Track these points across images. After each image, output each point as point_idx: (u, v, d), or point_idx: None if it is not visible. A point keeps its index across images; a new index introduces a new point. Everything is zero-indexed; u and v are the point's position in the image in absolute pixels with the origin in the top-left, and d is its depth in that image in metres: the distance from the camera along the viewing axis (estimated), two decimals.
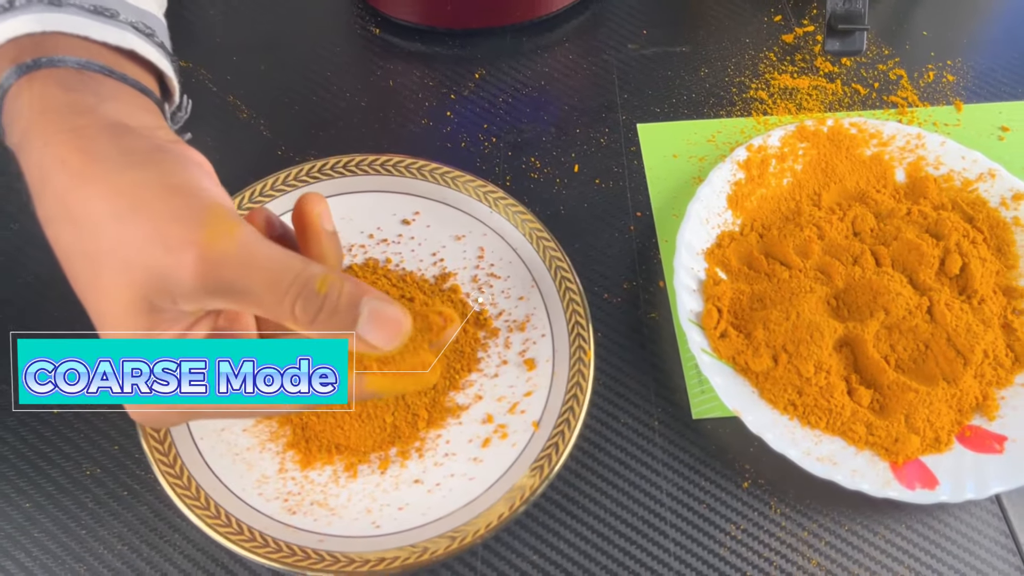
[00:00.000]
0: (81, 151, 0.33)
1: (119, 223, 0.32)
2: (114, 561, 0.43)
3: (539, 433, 0.45)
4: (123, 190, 0.32)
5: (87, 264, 0.33)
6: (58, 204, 0.33)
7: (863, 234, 0.52)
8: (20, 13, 0.36)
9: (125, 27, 0.38)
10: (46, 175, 0.33)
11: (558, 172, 0.56)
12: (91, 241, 0.33)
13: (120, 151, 0.34)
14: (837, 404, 0.46)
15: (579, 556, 0.44)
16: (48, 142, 0.34)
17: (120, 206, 0.32)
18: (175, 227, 0.32)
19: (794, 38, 0.62)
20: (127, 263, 0.32)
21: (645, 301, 0.52)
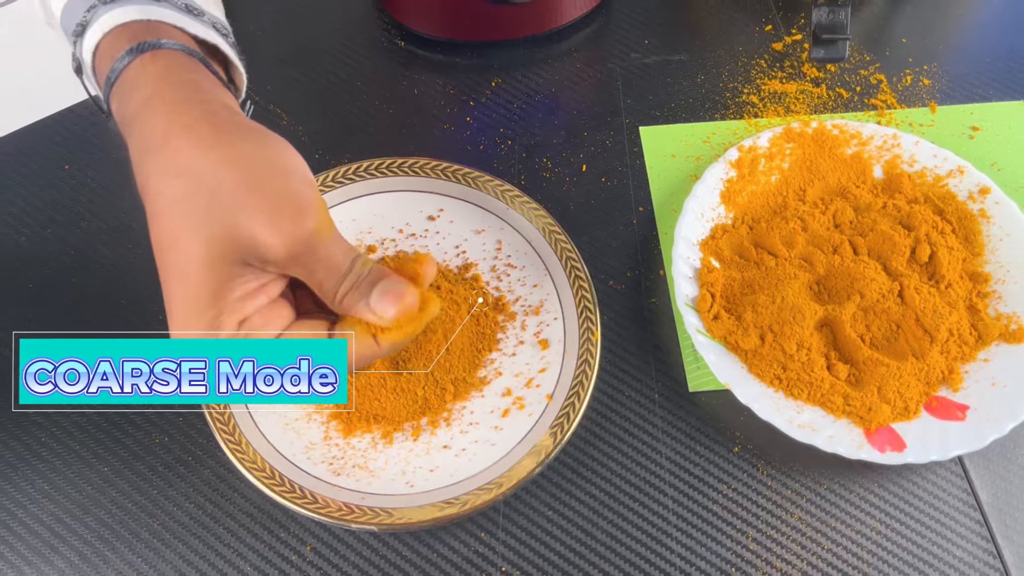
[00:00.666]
0: (207, 122, 0.37)
1: (240, 189, 0.36)
2: (183, 517, 0.49)
3: (552, 404, 0.51)
4: (246, 162, 0.37)
5: (189, 215, 0.36)
6: (178, 161, 0.37)
7: (843, 226, 0.57)
8: (126, 4, 0.41)
9: (209, 26, 0.43)
10: (169, 136, 0.37)
11: (568, 171, 0.61)
12: (204, 197, 0.36)
13: (240, 128, 0.38)
14: (817, 378, 0.51)
15: (589, 512, 0.49)
16: (175, 109, 0.37)
17: (243, 176, 0.36)
18: (289, 208, 0.37)
19: (783, 46, 0.66)
20: (237, 223, 0.36)
21: (646, 288, 0.57)
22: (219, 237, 0.36)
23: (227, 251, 0.36)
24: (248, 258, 0.37)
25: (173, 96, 0.38)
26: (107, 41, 0.40)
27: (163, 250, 0.37)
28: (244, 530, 0.49)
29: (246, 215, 0.36)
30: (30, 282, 0.56)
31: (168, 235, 0.37)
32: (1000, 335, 0.53)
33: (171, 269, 0.37)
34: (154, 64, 0.39)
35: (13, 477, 0.50)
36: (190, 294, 0.37)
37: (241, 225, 0.36)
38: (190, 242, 0.37)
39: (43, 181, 0.59)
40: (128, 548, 0.48)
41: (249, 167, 0.37)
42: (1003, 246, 0.55)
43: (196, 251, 0.36)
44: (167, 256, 0.37)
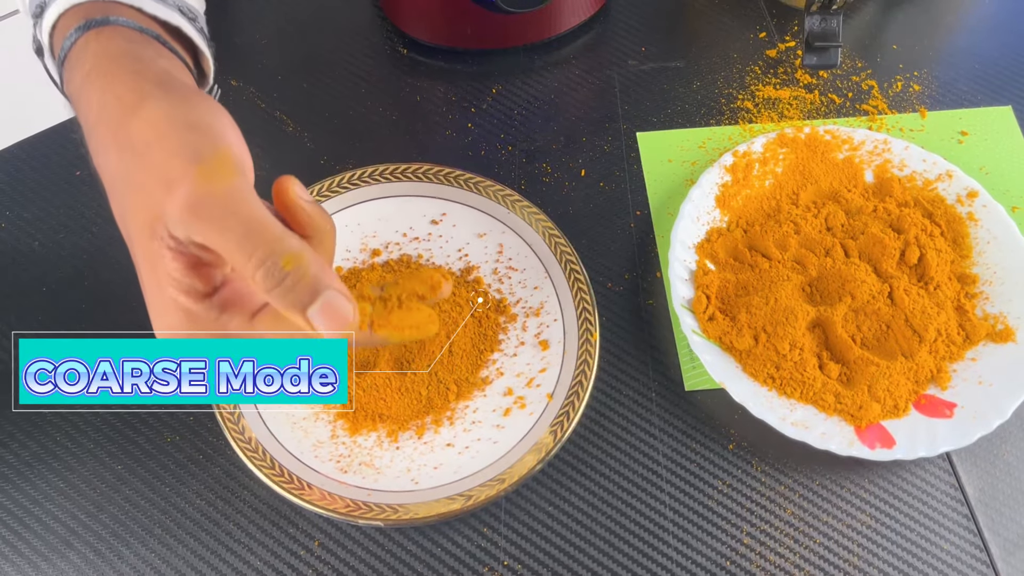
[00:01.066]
0: (135, 91, 0.36)
1: (147, 151, 0.34)
2: (194, 513, 0.50)
3: (552, 403, 0.52)
4: (155, 123, 0.35)
5: (123, 186, 0.36)
6: (109, 134, 0.36)
7: (835, 229, 0.58)
8: None
9: (173, 8, 0.43)
10: (103, 110, 0.36)
11: (567, 176, 0.62)
12: (128, 164, 0.35)
13: (164, 91, 0.36)
14: (809, 377, 0.52)
15: (588, 507, 0.51)
16: (110, 81, 0.37)
17: (149, 136, 0.34)
18: (177, 160, 0.33)
19: (777, 53, 0.67)
20: (143, 188, 0.34)
21: (643, 289, 0.58)
22: (136, 208, 0.35)
23: (144, 222, 0.34)
24: (155, 226, 0.34)
25: (107, 69, 0.37)
26: (63, 21, 0.41)
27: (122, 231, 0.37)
28: (253, 526, 0.50)
29: (148, 176, 0.34)
30: (44, 286, 0.57)
31: (116, 213, 0.37)
32: (987, 335, 0.54)
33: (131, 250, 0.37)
34: (97, 40, 0.39)
35: (30, 475, 0.51)
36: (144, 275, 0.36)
37: (145, 188, 0.34)
38: (126, 220, 0.36)
39: (56, 187, 0.61)
40: (141, 544, 0.49)
41: (157, 127, 0.35)
42: (990, 248, 0.57)
43: (131, 228, 0.36)
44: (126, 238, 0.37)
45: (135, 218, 0.35)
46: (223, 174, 0.33)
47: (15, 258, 0.58)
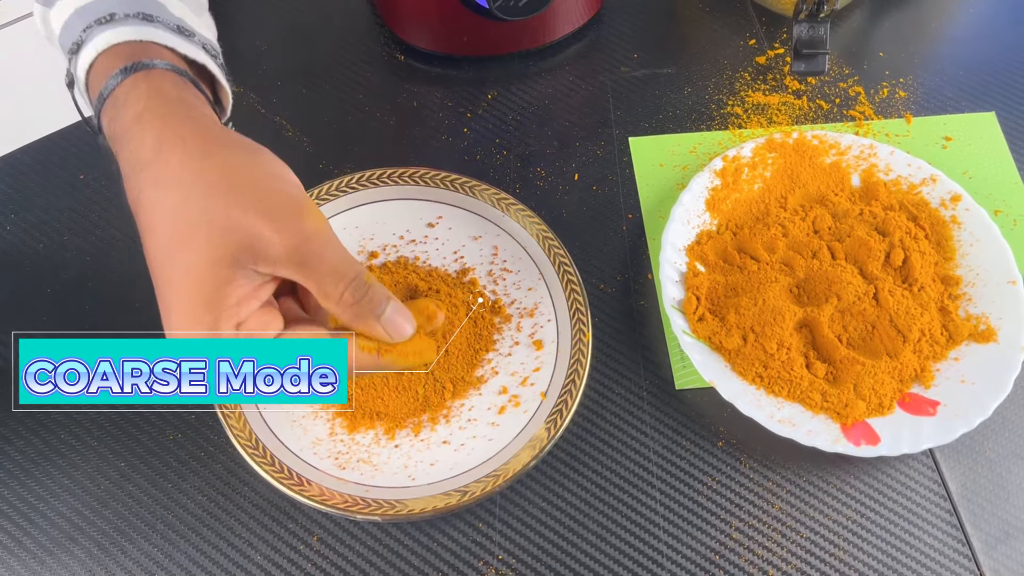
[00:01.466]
0: (197, 135, 0.40)
1: (232, 192, 0.38)
2: (196, 510, 0.51)
3: (546, 402, 0.53)
4: (237, 169, 0.39)
5: (185, 223, 0.38)
6: (170, 172, 0.39)
7: (822, 232, 0.60)
8: (121, 24, 0.43)
9: (199, 47, 0.45)
10: (162, 149, 0.39)
11: (560, 180, 0.63)
12: (199, 203, 0.38)
13: (229, 140, 0.40)
14: (797, 376, 0.54)
15: (581, 503, 0.52)
16: (166, 124, 0.40)
17: (234, 180, 0.38)
18: (279, 205, 0.38)
19: (766, 60, 0.69)
20: (230, 227, 0.37)
21: (635, 291, 0.59)
22: (215, 240, 0.37)
23: (223, 254, 0.37)
24: (243, 259, 0.38)
25: (163, 112, 0.40)
26: (101, 60, 0.42)
27: (159, 262, 0.39)
28: (254, 522, 0.51)
29: (242, 214, 0.37)
30: (48, 287, 0.58)
31: (165, 245, 0.39)
32: (970, 335, 0.56)
33: (167, 279, 0.39)
34: (146, 83, 0.41)
35: (34, 472, 0.52)
36: (187, 301, 0.38)
37: (238, 224, 0.37)
38: (187, 249, 0.38)
39: (60, 191, 0.62)
40: (144, 539, 0.51)
41: (242, 174, 0.39)
42: (973, 251, 0.58)
43: (193, 257, 0.38)
44: (163, 267, 0.39)
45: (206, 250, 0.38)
46: (318, 218, 0.40)
47: (20, 260, 0.59)
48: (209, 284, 0.38)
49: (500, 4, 0.58)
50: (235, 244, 0.37)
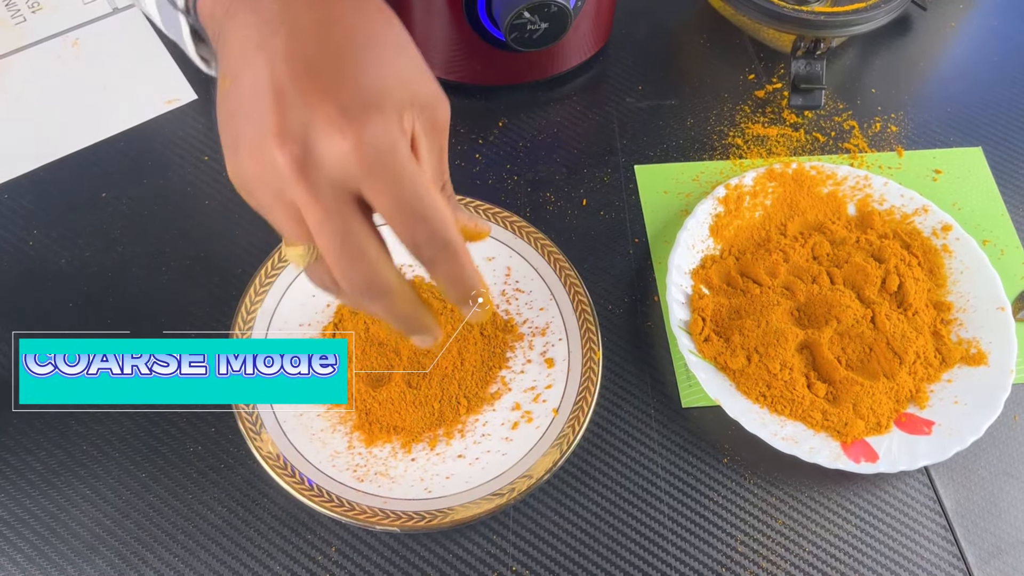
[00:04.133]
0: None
1: (408, 52, 0.36)
2: (216, 520, 0.53)
3: (558, 418, 0.55)
4: (407, 36, 0.37)
5: (374, 49, 0.34)
6: (353, 8, 0.35)
7: (820, 258, 0.62)
8: None
9: None
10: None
11: (569, 205, 0.65)
12: (390, 48, 0.35)
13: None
14: (798, 395, 0.56)
15: (591, 516, 0.53)
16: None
17: (406, 46, 0.36)
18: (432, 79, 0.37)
19: (765, 94, 0.71)
20: (405, 79, 0.35)
21: (642, 312, 0.62)
22: (389, 79, 0.34)
23: (391, 92, 0.34)
24: (415, 108, 0.35)
25: None
26: None
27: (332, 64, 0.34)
28: (273, 532, 0.52)
29: (420, 77, 0.36)
30: (69, 301, 0.59)
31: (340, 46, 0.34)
32: (961, 358, 0.58)
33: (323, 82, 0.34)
34: None
35: (56, 482, 0.53)
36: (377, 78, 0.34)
37: (412, 83, 0.35)
38: (370, 72, 0.34)
39: (83, 208, 0.63)
40: (165, 549, 0.51)
41: (415, 50, 0.37)
42: (964, 278, 0.61)
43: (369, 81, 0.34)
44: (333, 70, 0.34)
45: (378, 79, 0.34)
46: None
47: (43, 275, 0.60)
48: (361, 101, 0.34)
49: (516, 36, 0.60)
50: (401, 93, 0.34)
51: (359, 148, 0.33)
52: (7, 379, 0.56)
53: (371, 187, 0.34)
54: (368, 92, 0.34)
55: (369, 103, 0.33)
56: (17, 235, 0.62)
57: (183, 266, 0.61)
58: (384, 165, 0.33)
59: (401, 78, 0.35)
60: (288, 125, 0.33)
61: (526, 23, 0.59)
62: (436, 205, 0.35)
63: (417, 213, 0.35)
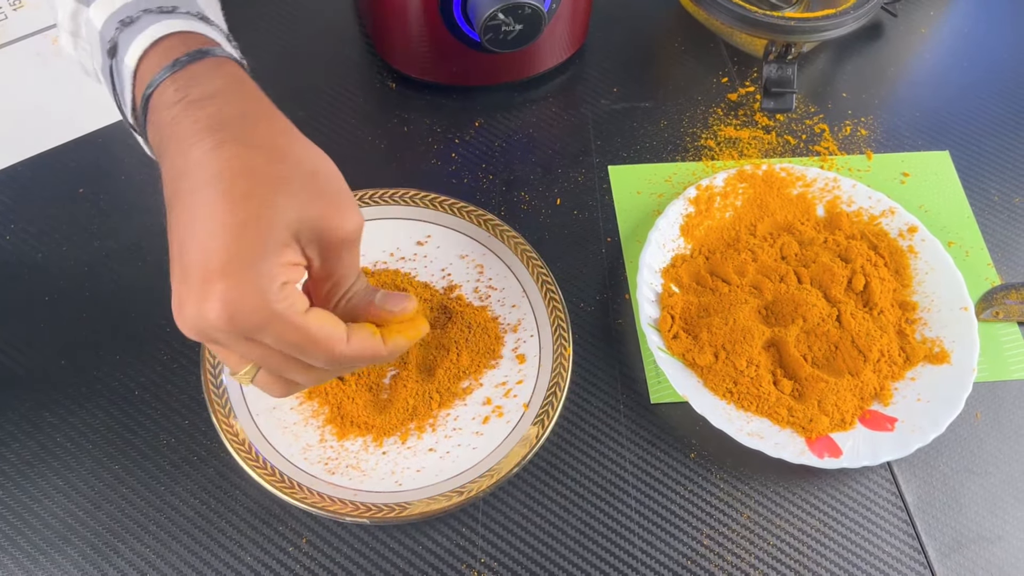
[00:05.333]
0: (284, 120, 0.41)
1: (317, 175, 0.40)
2: (188, 512, 0.53)
3: (528, 412, 0.56)
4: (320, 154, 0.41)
5: (268, 183, 0.38)
6: (260, 137, 0.39)
7: (788, 258, 0.63)
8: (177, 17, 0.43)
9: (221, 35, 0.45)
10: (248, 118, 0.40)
11: (543, 205, 0.66)
12: (290, 172, 0.38)
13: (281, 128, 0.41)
14: (765, 392, 0.57)
15: (559, 510, 0.54)
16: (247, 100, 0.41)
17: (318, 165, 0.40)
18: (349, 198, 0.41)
19: (737, 97, 0.73)
20: (306, 202, 0.38)
21: (613, 310, 0.62)
22: (287, 209, 0.38)
23: (288, 223, 0.38)
24: (304, 234, 0.39)
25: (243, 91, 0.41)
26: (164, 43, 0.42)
27: (223, 208, 0.37)
28: (245, 524, 0.53)
29: (322, 198, 0.39)
30: (46, 295, 0.60)
31: (232, 198, 0.37)
32: (925, 357, 0.59)
33: (220, 225, 0.37)
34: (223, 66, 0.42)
35: (29, 474, 0.54)
36: (244, 244, 0.37)
37: (312, 206, 0.39)
38: (259, 208, 0.37)
39: (60, 203, 0.63)
40: (137, 540, 0.52)
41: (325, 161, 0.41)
42: (928, 279, 0.62)
43: (257, 216, 0.37)
44: (225, 214, 0.37)
45: (271, 215, 0.37)
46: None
47: (19, 270, 0.61)
48: (271, 239, 0.38)
49: (490, 37, 0.61)
50: (302, 221, 0.38)
51: (227, 317, 0.37)
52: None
53: (255, 339, 0.39)
54: (225, 261, 0.37)
55: (228, 272, 0.37)
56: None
57: (160, 261, 0.61)
58: (252, 325, 0.38)
59: (285, 219, 0.38)
60: (181, 300, 0.38)
61: (500, 24, 0.60)
62: (310, 340, 0.40)
63: (298, 349, 0.40)
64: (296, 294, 0.39)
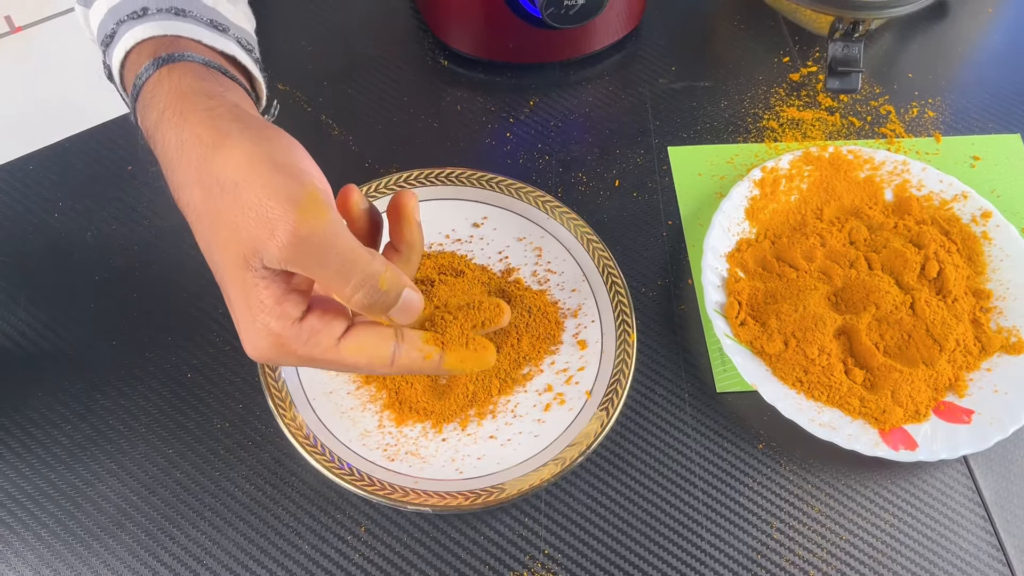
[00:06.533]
0: (213, 128, 0.38)
1: (235, 190, 0.37)
2: (243, 498, 0.52)
3: (591, 400, 0.54)
4: (240, 162, 0.37)
5: (210, 222, 0.38)
6: (192, 171, 0.38)
7: (858, 243, 0.61)
8: (152, 19, 0.43)
9: (231, 39, 0.46)
10: (183, 147, 0.38)
11: (601, 186, 0.64)
12: (216, 201, 0.37)
13: (241, 128, 0.38)
14: (836, 381, 0.55)
15: (624, 501, 0.52)
16: (187, 119, 0.39)
17: (237, 176, 0.37)
18: (274, 203, 0.36)
19: (800, 77, 0.70)
20: (235, 225, 0.36)
21: (675, 295, 0.60)
22: (227, 241, 0.37)
23: (235, 255, 0.37)
24: (252, 260, 0.37)
25: (182, 108, 0.40)
26: (133, 55, 0.43)
27: (210, 264, 0.40)
28: (302, 511, 0.51)
29: (240, 214, 0.36)
30: (96, 274, 0.58)
31: (204, 248, 0.39)
32: (1001, 347, 0.57)
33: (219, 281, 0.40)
34: (169, 78, 0.41)
35: (82, 457, 0.52)
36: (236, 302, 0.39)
37: (238, 225, 0.37)
38: (212, 252, 0.39)
39: (108, 181, 0.62)
40: (192, 526, 0.51)
41: (244, 167, 0.37)
42: (1004, 266, 0.60)
43: (218, 258, 0.38)
44: (213, 269, 0.40)
45: (226, 251, 0.38)
46: (317, 213, 0.36)
47: (68, 248, 0.59)
48: (240, 287, 0.38)
49: (552, 12, 0.59)
50: (241, 245, 0.37)
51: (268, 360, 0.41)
52: (33, 354, 0.55)
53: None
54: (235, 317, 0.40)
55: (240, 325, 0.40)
56: (42, 206, 0.61)
57: None
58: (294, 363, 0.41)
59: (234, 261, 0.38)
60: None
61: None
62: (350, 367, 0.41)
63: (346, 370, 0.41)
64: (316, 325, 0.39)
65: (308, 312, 0.39)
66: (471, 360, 0.43)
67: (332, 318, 0.40)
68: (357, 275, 0.38)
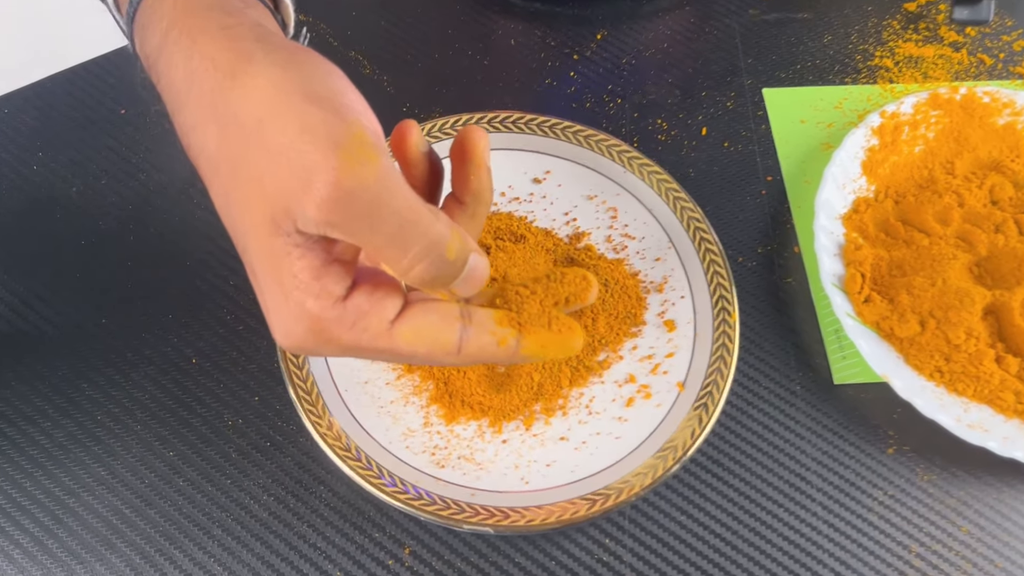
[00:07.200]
0: (230, 50, 0.31)
1: (260, 129, 0.29)
2: (260, 511, 0.43)
3: (685, 394, 0.45)
4: (266, 93, 0.29)
5: (229, 172, 0.31)
6: (205, 108, 0.31)
7: (1002, 202, 0.51)
8: None
9: None
10: (193, 77, 0.31)
11: (685, 135, 0.55)
12: (235, 144, 0.30)
13: (266, 51, 0.30)
14: (986, 371, 0.45)
15: (726, 517, 0.44)
16: (196, 40, 0.31)
17: (261, 110, 0.29)
18: (310, 146, 0.28)
19: (917, 6, 0.61)
20: (260, 176, 0.29)
21: (780, 266, 0.51)
22: (249, 198, 0.30)
23: (262, 216, 0.30)
24: (282, 222, 0.29)
25: (192, 24, 0.32)
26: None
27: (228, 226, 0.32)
28: (332, 528, 0.43)
29: (268, 161, 0.29)
30: (82, 238, 0.50)
31: (222, 206, 0.32)
32: None
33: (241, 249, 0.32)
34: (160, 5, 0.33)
35: (65, 461, 0.44)
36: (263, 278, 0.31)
37: (264, 175, 0.29)
38: (231, 211, 0.31)
39: (96, 127, 0.54)
40: (197, 546, 0.42)
41: (271, 98, 0.29)
42: None
43: (237, 220, 0.31)
44: (233, 234, 0.32)
45: (249, 211, 0.30)
46: (366, 159, 0.28)
47: (50, 206, 0.51)
48: (267, 262, 0.30)
49: None
50: (268, 202, 0.29)
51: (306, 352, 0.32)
52: (8, 333, 0.47)
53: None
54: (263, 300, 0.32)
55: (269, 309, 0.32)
56: (19, 157, 0.53)
57: None
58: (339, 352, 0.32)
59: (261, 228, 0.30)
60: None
61: None
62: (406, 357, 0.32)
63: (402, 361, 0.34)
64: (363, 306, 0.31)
65: (353, 288, 0.31)
66: (555, 345, 0.34)
67: (383, 295, 0.31)
68: (419, 241, 0.29)
